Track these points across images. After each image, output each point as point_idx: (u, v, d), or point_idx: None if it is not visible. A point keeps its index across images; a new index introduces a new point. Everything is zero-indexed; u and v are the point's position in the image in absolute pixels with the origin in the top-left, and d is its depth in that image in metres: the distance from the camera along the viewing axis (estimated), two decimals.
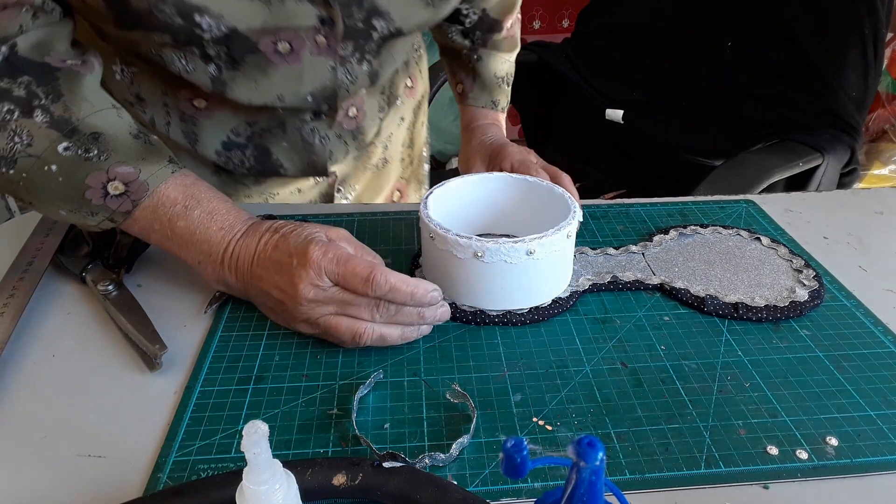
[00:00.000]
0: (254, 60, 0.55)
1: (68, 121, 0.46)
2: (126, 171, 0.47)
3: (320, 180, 0.68)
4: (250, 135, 0.62)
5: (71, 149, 0.46)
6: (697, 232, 0.63)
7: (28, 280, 0.53)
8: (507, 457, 0.25)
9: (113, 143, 0.47)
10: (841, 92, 1.30)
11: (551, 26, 2.68)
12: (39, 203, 0.49)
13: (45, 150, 0.46)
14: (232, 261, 0.50)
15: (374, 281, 0.45)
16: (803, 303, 0.53)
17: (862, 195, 0.73)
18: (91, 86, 0.48)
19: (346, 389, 0.45)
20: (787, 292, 0.54)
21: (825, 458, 0.40)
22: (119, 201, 0.48)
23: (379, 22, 0.57)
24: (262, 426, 0.27)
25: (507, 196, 0.60)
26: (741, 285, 0.55)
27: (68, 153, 0.46)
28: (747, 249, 0.60)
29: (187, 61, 0.55)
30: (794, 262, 0.58)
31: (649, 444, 0.41)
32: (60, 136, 0.46)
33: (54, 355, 0.48)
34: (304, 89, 0.58)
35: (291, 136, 0.62)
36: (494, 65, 0.79)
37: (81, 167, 0.47)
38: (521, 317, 0.51)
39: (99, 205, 0.48)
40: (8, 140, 0.46)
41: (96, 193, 0.47)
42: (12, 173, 0.47)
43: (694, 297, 0.54)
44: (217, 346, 0.49)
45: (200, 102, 0.59)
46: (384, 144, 0.74)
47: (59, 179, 0.47)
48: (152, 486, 0.38)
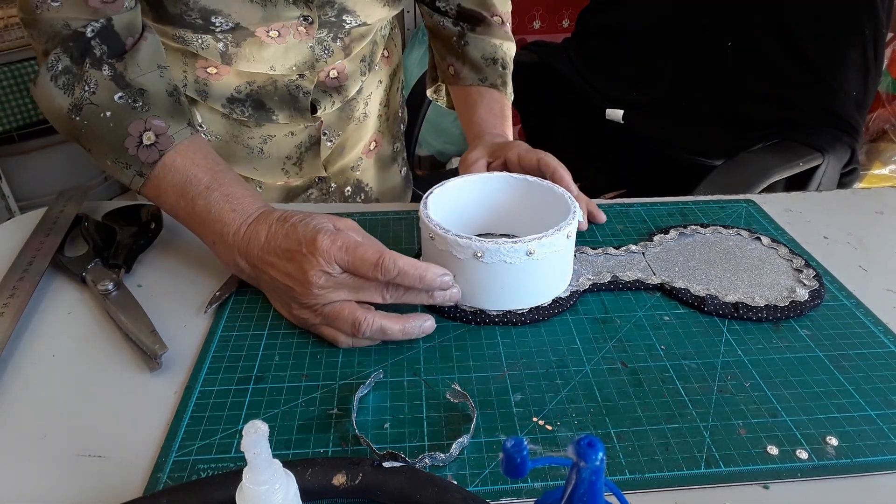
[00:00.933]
0: (252, 42, 0.68)
1: (123, 77, 0.54)
2: (159, 124, 0.54)
3: (308, 125, 0.78)
4: (249, 92, 0.73)
5: (123, 98, 0.54)
6: (698, 231, 0.63)
7: (28, 280, 0.53)
8: (507, 457, 0.25)
9: (153, 98, 0.55)
10: (841, 92, 1.30)
11: (551, 26, 2.68)
12: (96, 151, 0.55)
13: (105, 98, 0.54)
14: (242, 245, 0.51)
15: (384, 265, 0.47)
16: (803, 302, 0.53)
17: (862, 195, 0.73)
18: (145, 53, 0.56)
19: (346, 389, 0.45)
20: (788, 292, 0.54)
21: (825, 457, 0.40)
22: (148, 151, 0.54)
23: (348, 17, 0.71)
24: (262, 426, 0.27)
25: (506, 196, 0.60)
26: (741, 285, 0.55)
27: (121, 101, 0.54)
28: (747, 249, 0.60)
29: (202, 41, 0.68)
30: (794, 262, 0.58)
31: (649, 444, 0.41)
32: (117, 87, 0.54)
33: (54, 355, 0.48)
34: (290, 62, 0.72)
35: (281, 91, 0.74)
36: (482, 47, 0.80)
37: (128, 115, 0.54)
38: (521, 317, 0.51)
39: (132, 155, 0.54)
40: (81, 89, 0.54)
41: (133, 142, 0.54)
42: (78, 120, 0.54)
43: (694, 296, 0.54)
44: (217, 346, 0.49)
45: (212, 69, 0.71)
46: (365, 101, 0.84)
47: (110, 125, 0.54)
48: (152, 486, 0.38)
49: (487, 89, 0.79)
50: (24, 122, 1.76)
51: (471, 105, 0.80)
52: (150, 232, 0.60)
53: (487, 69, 0.80)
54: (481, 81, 0.80)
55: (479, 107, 0.79)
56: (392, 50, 0.89)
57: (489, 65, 0.80)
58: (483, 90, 0.79)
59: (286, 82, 0.74)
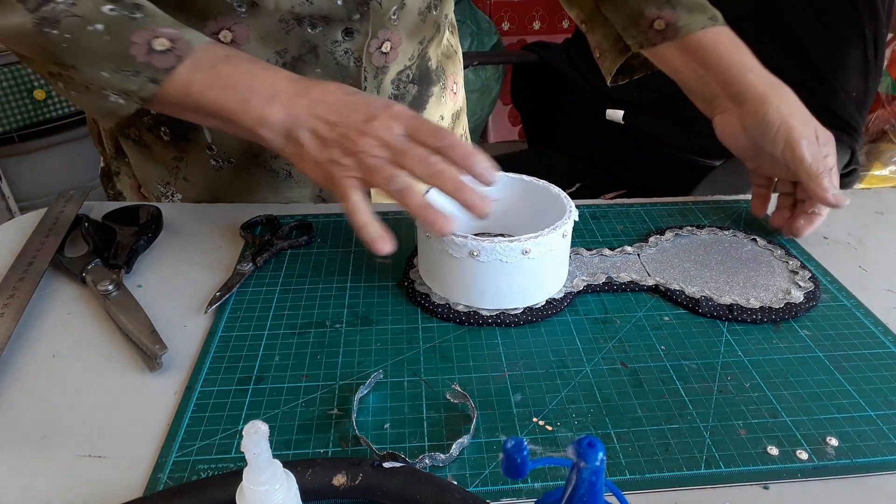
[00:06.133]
0: None
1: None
2: (170, 32, 0.50)
3: None
4: (282, 65, 0.61)
5: (116, 10, 0.49)
6: (694, 233, 0.63)
7: (28, 280, 0.53)
8: (507, 457, 0.25)
9: (153, 12, 0.51)
10: (841, 92, 1.30)
11: (552, 27, 2.68)
12: (83, 65, 0.50)
13: (90, 10, 0.49)
14: (286, 95, 0.50)
15: (440, 132, 0.48)
16: (798, 304, 0.53)
17: (862, 195, 0.73)
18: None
19: (346, 389, 0.45)
20: (783, 293, 0.54)
21: (825, 458, 0.40)
22: (164, 57, 0.50)
23: None
24: (262, 426, 0.27)
25: (503, 195, 0.60)
26: (737, 287, 0.55)
27: (114, 13, 0.49)
28: (743, 251, 0.60)
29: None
30: (790, 264, 0.58)
31: (649, 444, 0.41)
32: (104, 0, 0.49)
33: (54, 355, 0.48)
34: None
35: (325, 60, 0.62)
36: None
37: (127, 25, 0.49)
38: (515, 317, 0.51)
39: (143, 62, 0.50)
40: (53, 4, 0.48)
41: (141, 50, 0.49)
42: (55, 34, 0.49)
43: (689, 298, 0.54)
44: (217, 346, 0.49)
45: (226, 35, 0.60)
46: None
47: (106, 38, 0.49)
48: (152, 486, 0.38)
49: (721, 29, 0.63)
50: (24, 123, 1.76)
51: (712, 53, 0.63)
52: (150, 232, 0.60)
53: (707, 6, 0.64)
54: (712, 21, 0.63)
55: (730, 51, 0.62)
56: (459, 85, 0.80)
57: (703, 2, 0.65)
58: (719, 30, 0.63)
59: (330, 47, 0.62)
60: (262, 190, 0.70)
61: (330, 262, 0.59)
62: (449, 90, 0.78)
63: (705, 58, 0.63)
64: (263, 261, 0.58)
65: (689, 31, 0.63)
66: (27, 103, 1.75)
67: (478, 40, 2.43)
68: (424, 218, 0.48)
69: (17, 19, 0.49)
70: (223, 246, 0.61)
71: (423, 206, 0.48)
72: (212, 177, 0.69)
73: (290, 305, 0.53)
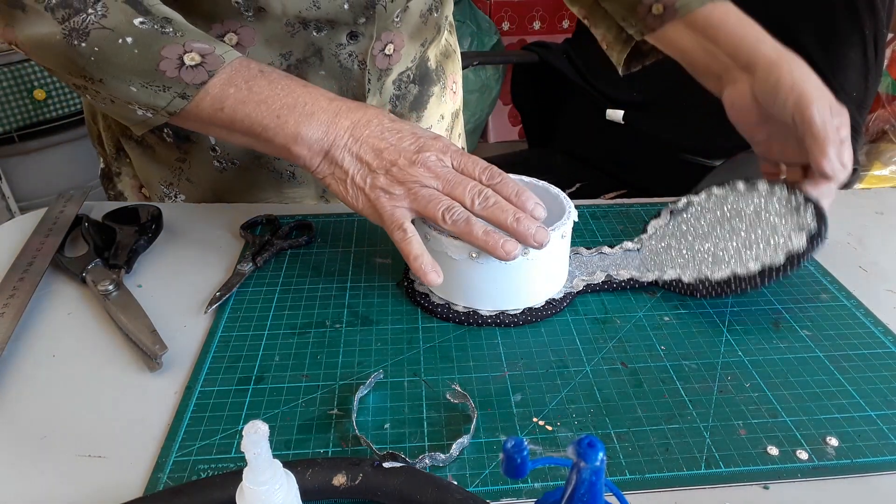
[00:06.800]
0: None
1: (142, 3, 0.50)
2: (201, 47, 0.50)
3: None
4: (286, 68, 0.61)
5: (147, 23, 0.49)
6: (691, 203, 0.61)
7: (28, 280, 0.53)
8: (507, 457, 0.25)
9: (184, 26, 0.50)
10: (841, 92, 1.30)
11: (551, 27, 2.68)
12: (111, 79, 0.50)
13: (121, 22, 0.48)
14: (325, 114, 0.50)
15: (492, 168, 0.49)
16: (801, 253, 0.51)
17: (862, 195, 0.73)
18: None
19: (346, 389, 0.45)
20: (784, 240, 0.53)
21: (825, 458, 0.40)
22: (194, 72, 0.49)
23: None
24: (262, 426, 0.27)
25: None
26: (733, 252, 0.54)
27: (145, 27, 0.49)
28: (741, 206, 0.58)
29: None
30: (792, 201, 0.55)
31: (649, 444, 0.41)
32: (135, 12, 0.49)
33: (54, 355, 0.48)
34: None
35: (329, 62, 0.62)
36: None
37: (158, 40, 0.49)
38: (515, 318, 0.51)
39: (173, 77, 0.49)
40: (84, 15, 0.48)
41: (171, 65, 0.49)
42: (84, 47, 0.48)
43: (686, 285, 0.53)
44: (217, 346, 0.49)
45: (231, 38, 0.59)
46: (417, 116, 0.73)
47: (135, 51, 0.49)
48: (152, 486, 0.38)
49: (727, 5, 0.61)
50: (24, 123, 1.76)
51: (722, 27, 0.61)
52: (150, 232, 0.60)
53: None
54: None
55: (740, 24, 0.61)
56: (458, 84, 0.80)
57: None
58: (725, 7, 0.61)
59: (334, 49, 0.62)
60: (265, 191, 0.70)
61: (330, 262, 0.59)
62: (449, 89, 0.78)
63: (715, 33, 0.62)
64: (263, 261, 0.58)
65: (688, 10, 0.62)
66: (27, 103, 1.75)
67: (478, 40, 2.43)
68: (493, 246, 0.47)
69: (45, 29, 0.48)
70: (223, 246, 0.61)
71: (487, 234, 0.47)
72: (215, 178, 0.69)
73: (290, 305, 0.53)
